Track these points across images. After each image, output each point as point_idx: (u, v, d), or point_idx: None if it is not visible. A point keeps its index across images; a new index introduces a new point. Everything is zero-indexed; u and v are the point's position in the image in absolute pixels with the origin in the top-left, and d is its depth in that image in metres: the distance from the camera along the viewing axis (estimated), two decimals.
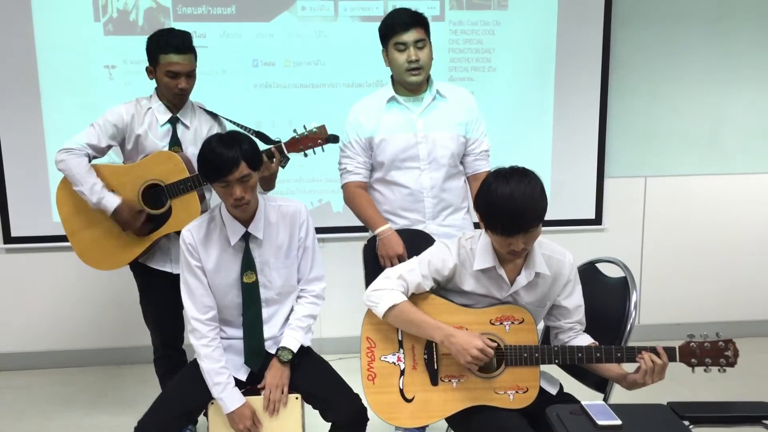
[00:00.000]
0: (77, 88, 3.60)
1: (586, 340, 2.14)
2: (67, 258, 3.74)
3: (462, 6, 3.76)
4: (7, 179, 3.66)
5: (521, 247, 1.93)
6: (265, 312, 2.33)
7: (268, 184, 2.69)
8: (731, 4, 3.95)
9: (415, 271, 2.08)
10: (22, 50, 3.55)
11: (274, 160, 2.58)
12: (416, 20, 2.61)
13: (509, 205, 1.87)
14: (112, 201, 2.68)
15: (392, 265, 2.44)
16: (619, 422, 1.69)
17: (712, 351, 1.97)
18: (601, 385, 2.18)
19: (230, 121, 2.87)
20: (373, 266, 2.64)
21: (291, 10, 3.68)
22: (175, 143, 2.74)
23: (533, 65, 3.87)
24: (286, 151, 2.60)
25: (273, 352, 2.31)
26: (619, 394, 2.15)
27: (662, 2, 3.92)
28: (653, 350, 1.96)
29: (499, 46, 3.82)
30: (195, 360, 2.28)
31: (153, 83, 2.79)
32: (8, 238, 3.71)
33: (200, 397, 2.23)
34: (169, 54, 2.65)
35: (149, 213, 2.71)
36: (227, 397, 2.19)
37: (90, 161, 2.74)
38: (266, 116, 3.61)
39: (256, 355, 2.30)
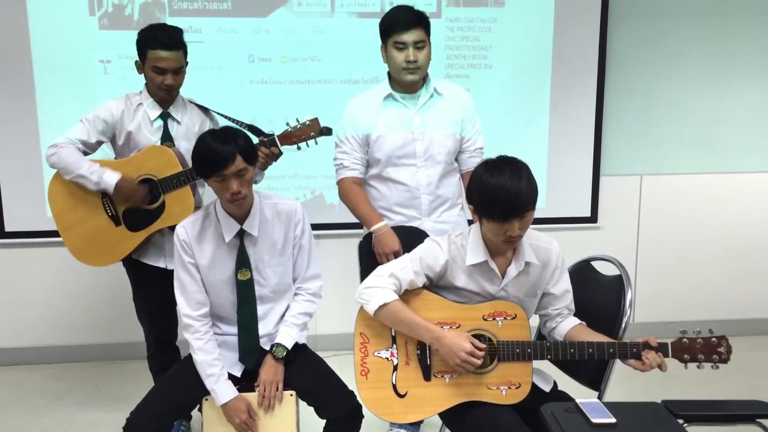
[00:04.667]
0: (72, 83, 3.59)
1: (571, 322, 2.15)
2: (61, 253, 3.72)
3: (459, 3, 3.76)
4: (1, 174, 3.64)
5: (517, 233, 1.95)
6: (260, 309, 2.32)
7: (266, 166, 2.66)
8: (728, 2, 3.95)
9: (407, 268, 2.08)
10: (17, 44, 3.53)
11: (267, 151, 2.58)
12: (417, 20, 2.60)
13: (503, 191, 1.89)
14: (112, 177, 2.64)
15: (388, 262, 2.43)
16: (613, 420, 1.69)
17: (704, 347, 1.97)
18: (595, 382, 2.18)
19: (222, 115, 2.85)
20: (368, 262, 2.64)
21: (287, 5, 3.67)
22: (167, 139, 2.73)
23: (530, 63, 3.87)
24: (279, 145, 2.59)
25: (268, 349, 2.31)
26: (614, 392, 2.16)
27: (659, 0, 3.93)
28: (647, 345, 1.96)
29: (495, 43, 3.82)
30: (189, 355, 2.27)
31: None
32: (2, 233, 3.70)
33: (194, 391, 2.23)
34: (156, 49, 2.62)
35: (142, 208, 2.70)
36: (220, 389, 2.19)
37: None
38: (262, 112, 3.60)
39: (251, 352, 2.30)
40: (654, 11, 3.93)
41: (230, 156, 2.09)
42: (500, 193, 1.90)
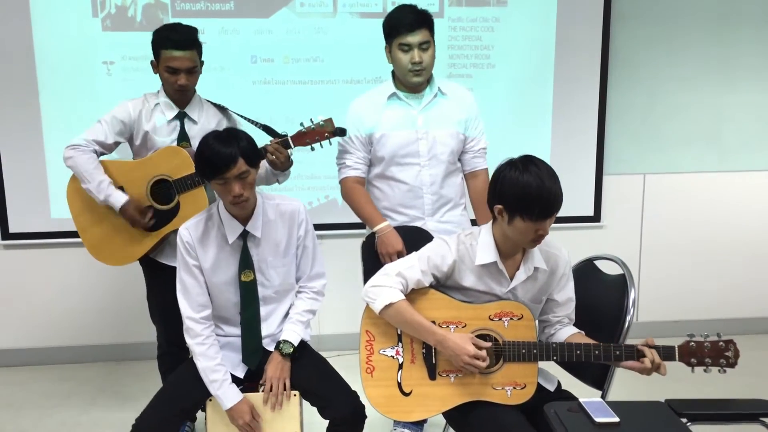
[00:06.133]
0: (75, 84, 3.59)
1: (569, 330, 2.15)
2: (65, 254, 3.75)
3: (461, 3, 3.76)
4: (5, 175, 3.65)
5: (547, 231, 1.97)
6: (263, 310, 2.32)
7: (284, 166, 2.65)
8: (731, 2, 3.95)
9: (415, 267, 2.08)
10: (20, 45, 3.54)
11: (274, 156, 2.56)
12: (422, 22, 2.59)
13: (543, 190, 1.91)
14: (119, 198, 2.68)
15: (392, 262, 2.44)
16: (616, 419, 1.69)
17: (712, 351, 1.97)
18: (599, 382, 2.18)
19: (238, 115, 2.86)
20: (371, 262, 2.64)
21: (290, 6, 3.67)
22: (183, 138, 2.73)
23: (532, 62, 3.87)
24: (292, 145, 2.59)
25: (271, 349, 2.31)
26: (617, 392, 2.16)
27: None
28: (649, 347, 1.96)
29: (498, 43, 3.82)
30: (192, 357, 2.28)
31: (152, 79, 2.78)
32: (6, 235, 3.71)
33: (199, 393, 2.23)
34: (169, 49, 2.63)
35: (157, 209, 2.71)
36: (224, 394, 2.18)
37: (98, 157, 2.74)
38: (265, 113, 3.57)
39: (254, 353, 2.30)
40: (656, 11, 3.93)
41: (232, 159, 2.09)
42: (542, 193, 1.91)
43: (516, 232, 1.99)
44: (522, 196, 1.93)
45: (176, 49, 2.62)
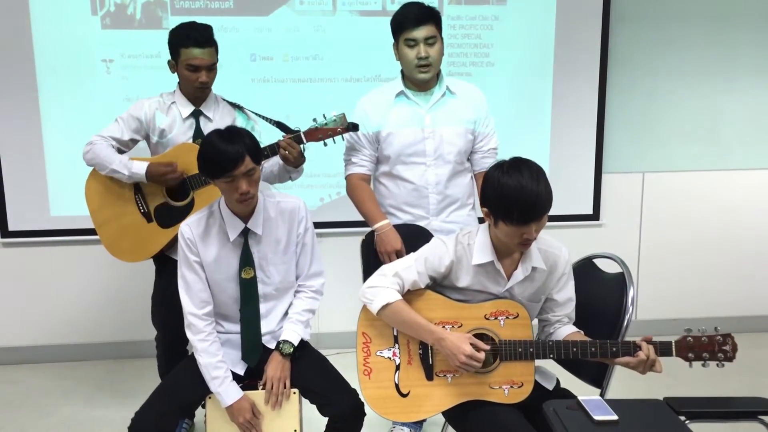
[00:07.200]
0: (74, 82, 3.59)
1: (568, 329, 2.15)
2: (65, 252, 3.76)
3: (460, 1, 3.76)
4: (5, 173, 3.65)
5: (534, 236, 1.95)
6: (263, 307, 2.33)
7: (297, 162, 2.65)
8: (730, 2, 3.95)
9: (412, 268, 2.08)
10: (19, 44, 3.54)
11: (287, 151, 2.56)
12: (428, 16, 2.59)
13: (523, 194, 1.88)
14: (140, 166, 2.69)
15: (390, 261, 2.44)
16: (615, 417, 1.69)
17: (709, 345, 1.96)
18: (597, 380, 2.19)
19: (252, 112, 2.87)
20: (371, 261, 2.64)
21: (289, 4, 3.67)
22: (198, 136, 2.74)
23: (532, 61, 3.87)
24: (304, 140, 2.59)
25: (271, 347, 2.31)
26: (616, 390, 2.16)
27: None
28: (647, 343, 1.96)
29: (497, 41, 3.81)
30: (192, 354, 2.28)
31: (151, 77, 2.79)
32: (5, 233, 3.71)
33: (198, 390, 2.23)
34: (190, 47, 2.64)
35: (172, 205, 2.72)
36: (225, 391, 2.19)
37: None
38: (264, 111, 3.55)
39: (254, 351, 2.31)
40: (655, 10, 3.93)
41: (240, 157, 2.09)
42: (521, 197, 1.88)
43: (502, 235, 1.99)
44: (501, 199, 1.92)
45: (197, 47, 2.65)
